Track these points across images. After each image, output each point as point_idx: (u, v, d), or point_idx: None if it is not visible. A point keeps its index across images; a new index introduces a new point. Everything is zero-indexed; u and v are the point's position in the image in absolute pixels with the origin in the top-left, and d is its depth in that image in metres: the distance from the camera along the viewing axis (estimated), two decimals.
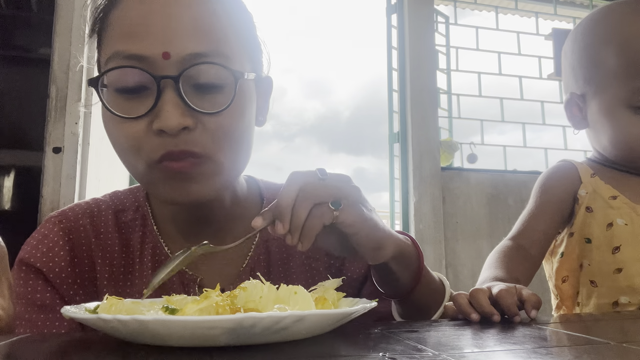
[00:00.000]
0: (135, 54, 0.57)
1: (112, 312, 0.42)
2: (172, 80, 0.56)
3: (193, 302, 0.43)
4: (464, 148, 2.77)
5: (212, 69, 0.58)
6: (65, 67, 1.74)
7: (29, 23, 2.32)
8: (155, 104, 0.56)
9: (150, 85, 0.57)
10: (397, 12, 2.74)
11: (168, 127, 0.55)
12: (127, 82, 0.58)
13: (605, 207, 0.83)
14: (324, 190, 0.53)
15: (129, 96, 0.58)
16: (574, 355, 0.35)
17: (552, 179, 0.89)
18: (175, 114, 0.56)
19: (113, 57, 0.58)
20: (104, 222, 0.69)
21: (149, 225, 0.70)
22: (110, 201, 0.72)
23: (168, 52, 0.56)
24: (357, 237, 0.55)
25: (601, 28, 0.85)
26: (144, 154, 0.58)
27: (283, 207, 0.53)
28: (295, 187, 0.53)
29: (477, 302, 0.55)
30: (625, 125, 0.81)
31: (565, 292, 0.89)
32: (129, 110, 0.58)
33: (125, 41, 0.58)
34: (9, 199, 2.20)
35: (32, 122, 2.01)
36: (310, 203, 0.52)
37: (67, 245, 0.67)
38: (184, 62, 0.57)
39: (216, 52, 0.59)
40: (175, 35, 0.57)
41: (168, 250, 0.69)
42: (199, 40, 0.58)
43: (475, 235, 2.52)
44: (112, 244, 0.68)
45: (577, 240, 0.85)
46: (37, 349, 0.42)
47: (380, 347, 0.40)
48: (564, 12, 3.04)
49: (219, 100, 0.59)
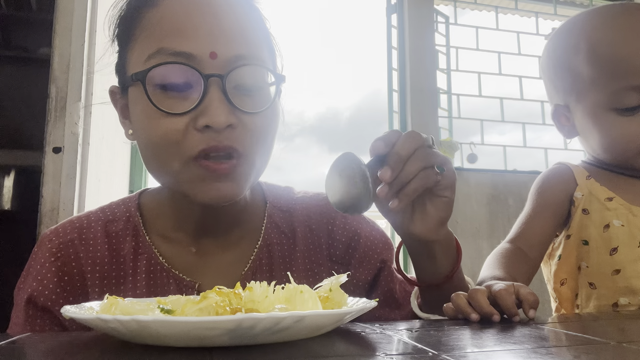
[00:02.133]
0: (183, 51, 0.58)
1: (112, 312, 0.42)
2: (219, 79, 0.58)
3: (192, 302, 0.43)
4: (464, 148, 2.77)
5: (255, 70, 0.61)
6: (65, 67, 1.74)
7: (29, 23, 2.32)
8: (201, 100, 0.57)
9: (194, 83, 0.58)
10: (397, 12, 2.74)
11: (216, 123, 0.57)
12: (172, 79, 0.58)
13: (602, 208, 0.83)
14: (434, 155, 0.58)
15: (171, 93, 0.59)
16: (574, 355, 0.35)
17: (548, 182, 0.89)
18: (224, 110, 0.57)
19: (157, 54, 0.59)
20: (93, 234, 0.68)
21: (140, 235, 0.69)
22: (100, 213, 0.71)
23: (215, 52, 0.58)
24: (446, 203, 0.60)
25: (571, 38, 0.86)
26: (183, 149, 0.58)
27: (399, 157, 0.55)
28: (413, 145, 0.56)
29: (476, 302, 0.55)
30: (611, 128, 0.82)
31: (564, 295, 0.89)
32: (170, 106, 0.58)
33: (172, 39, 0.59)
34: (9, 199, 2.20)
35: (32, 122, 2.01)
36: (421, 164, 0.56)
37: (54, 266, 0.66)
38: (228, 63, 0.59)
39: (255, 55, 0.61)
40: (221, 37, 0.59)
41: (163, 260, 0.68)
42: (243, 43, 0.61)
43: (475, 235, 2.52)
44: (102, 255, 0.67)
45: (575, 243, 0.85)
46: (37, 349, 0.42)
47: (380, 347, 0.40)
48: (564, 12, 3.04)
49: (259, 101, 0.61)
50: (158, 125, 0.59)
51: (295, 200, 0.77)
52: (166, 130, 0.58)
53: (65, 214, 1.68)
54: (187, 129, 0.58)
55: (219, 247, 0.70)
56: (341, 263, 0.74)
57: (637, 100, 0.79)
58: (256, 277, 0.68)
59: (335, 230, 0.75)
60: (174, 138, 0.58)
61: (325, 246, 0.74)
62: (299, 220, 0.75)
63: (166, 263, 0.68)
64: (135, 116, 0.63)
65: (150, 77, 0.59)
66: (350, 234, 0.74)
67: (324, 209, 0.76)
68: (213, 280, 0.66)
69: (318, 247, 0.74)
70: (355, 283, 0.73)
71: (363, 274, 0.74)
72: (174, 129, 0.58)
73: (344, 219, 0.76)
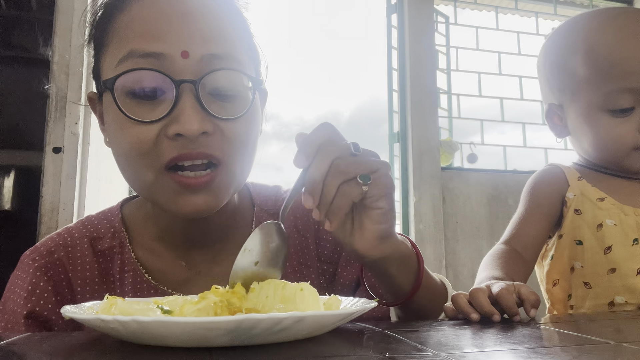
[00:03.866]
0: (153, 52, 0.56)
1: (111, 312, 0.42)
2: (192, 84, 0.55)
3: (190, 302, 0.43)
4: (464, 148, 2.77)
5: (230, 74, 0.58)
6: (65, 67, 1.74)
7: (29, 23, 2.32)
8: (172, 107, 0.55)
9: (166, 89, 0.56)
10: (397, 12, 2.74)
11: (188, 131, 0.54)
12: (142, 85, 0.56)
13: (594, 208, 0.84)
14: (354, 165, 0.51)
15: (142, 100, 0.56)
16: (574, 355, 0.35)
17: (540, 183, 0.90)
18: (196, 118, 0.55)
19: (127, 57, 0.56)
20: (80, 252, 0.66)
21: (127, 252, 0.67)
22: (83, 228, 0.68)
23: (187, 51, 0.56)
24: (382, 214, 0.53)
25: (568, 39, 0.87)
26: (155, 157, 0.56)
27: (314, 181, 0.51)
28: (327, 161, 0.51)
29: (477, 302, 0.55)
30: (603, 128, 0.83)
31: (556, 296, 0.89)
32: (141, 114, 0.56)
33: (142, 40, 0.56)
34: (9, 199, 2.20)
35: (32, 122, 2.01)
36: (339, 179, 0.51)
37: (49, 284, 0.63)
38: (201, 63, 0.56)
39: (231, 56, 0.59)
40: (194, 36, 0.57)
41: (149, 277, 0.66)
42: (216, 42, 0.58)
43: (475, 235, 2.52)
44: (92, 275, 0.65)
45: (567, 243, 0.86)
46: (37, 349, 0.42)
47: (380, 347, 0.40)
48: (564, 12, 3.04)
49: (236, 106, 0.59)
50: (128, 134, 0.56)
51: (281, 201, 0.74)
52: (136, 139, 0.56)
53: (65, 214, 1.68)
54: (159, 137, 0.56)
55: (208, 258, 0.68)
56: (330, 262, 0.72)
57: (631, 102, 0.81)
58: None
59: (322, 229, 0.73)
60: (144, 147, 0.56)
61: (313, 247, 0.72)
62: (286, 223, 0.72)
63: (153, 280, 0.65)
64: (108, 124, 0.61)
65: (120, 84, 0.56)
66: None
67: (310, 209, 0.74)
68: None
69: (306, 249, 0.72)
70: (343, 282, 0.71)
71: (350, 272, 0.72)
72: (145, 138, 0.56)
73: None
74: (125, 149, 0.58)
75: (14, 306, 0.63)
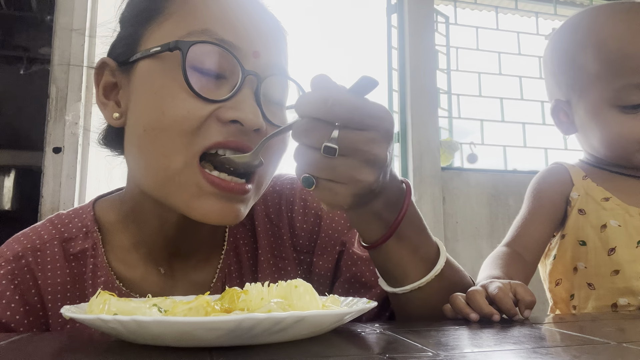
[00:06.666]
0: (229, 40, 0.54)
1: (104, 309, 0.42)
2: (256, 79, 0.55)
3: (181, 302, 0.43)
4: (464, 148, 2.77)
5: (286, 83, 0.59)
6: (65, 67, 1.74)
7: (29, 23, 2.32)
8: (234, 93, 0.53)
9: (230, 75, 0.55)
10: (397, 12, 2.74)
11: (249, 121, 0.52)
12: (211, 61, 0.54)
13: (598, 208, 0.83)
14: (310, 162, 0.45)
15: (206, 76, 0.54)
16: (574, 355, 0.35)
17: (544, 183, 0.89)
18: (257, 111, 0.54)
19: (202, 34, 0.54)
20: (50, 257, 0.60)
21: (99, 255, 0.61)
22: (53, 229, 0.63)
23: (259, 52, 0.56)
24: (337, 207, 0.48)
25: (578, 33, 0.86)
26: (195, 140, 0.52)
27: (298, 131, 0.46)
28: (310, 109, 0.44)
29: (475, 303, 0.54)
30: (613, 124, 0.82)
31: (559, 295, 0.89)
32: (203, 92, 0.53)
33: (218, 24, 0.55)
34: (9, 199, 2.20)
35: (32, 122, 2.01)
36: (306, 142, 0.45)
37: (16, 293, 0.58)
38: (267, 67, 0.57)
39: (285, 70, 0.60)
40: (266, 39, 0.58)
41: (120, 283, 0.61)
42: (280, 52, 0.60)
43: (475, 235, 2.52)
44: (62, 280, 0.60)
45: (570, 243, 0.85)
46: (37, 349, 0.41)
47: (380, 347, 0.40)
48: (564, 12, 3.04)
49: (280, 116, 0.59)
50: (178, 106, 0.52)
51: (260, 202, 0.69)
52: (186, 113, 0.52)
53: None
54: (209, 119, 0.52)
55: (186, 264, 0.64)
56: (306, 252, 0.68)
57: None
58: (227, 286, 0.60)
59: (295, 217, 0.68)
60: (190, 125, 0.52)
61: (286, 236, 0.68)
62: (257, 213, 0.68)
63: (124, 287, 0.61)
64: (141, 94, 0.55)
65: (191, 53, 0.53)
66: (312, 217, 0.68)
67: (280, 194, 0.69)
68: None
69: (280, 239, 0.68)
70: (318, 272, 0.67)
71: (326, 261, 0.67)
72: (197, 114, 0.52)
73: (302, 202, 0.69)
74: (164, 122, 0.52)
75: None
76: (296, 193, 0.70)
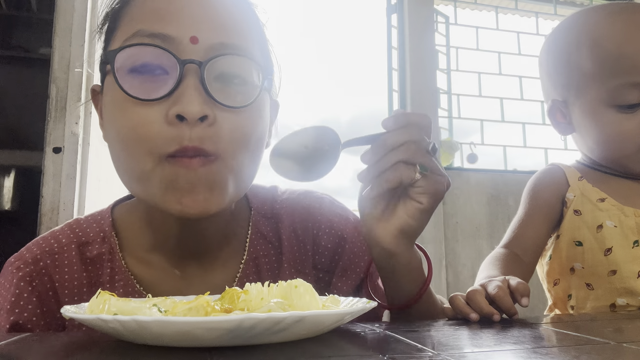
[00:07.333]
0: (161, 33, 0.53)
1: (104, 309, 0.42)
2: (197, 65, 0.53)
3: (181, 302, 0.43)
4: (464, 148, 2.77)
5: (239, 61, 0.56)
6: (65, 67, 1.74)
7: (29, 23, 2.32)
8: (175, 88, 0.52)
9: (170, 69, 0.53)
10: (397, 12, 2.74)
11: (188, 113, 0.51)
12: (144, 63, 0.53)
13: (594, 209, 0.83)
14: (420, 153, 0.53)
15: (145, 79, 0.53)
16: (574, 355, 0.35)
17: (540, 184, 0.89)
18: (198, 99, 0.52)
19: (133, 37, 0.54)
20: (68, 260, 0.62)
21: (117, 259, 0.62)
22: (71, 233, 0.64)
23: (196, 37, 0.53)
24: (419, 210, 0.54)
25: (572, 33, 0.86)
26: (155, 145, 0.52)
27: (383, 144, 0.53)
28: (405, 137, 0.52)
29: (475, 303, 0.55)
30: (609, 124, 0.81)
31: (556, 295, 0.89)
32: (142, 94, 0.52)
33: (150, 20, 0.54)
34: (9, 199, 2.20)
35: (32, 122, 2.01)
36: (403, 157, 0.52)
37: (34, 294, 0.60)
38: (210, 50, 0.54)
39: (243, 47, 0.56)
40: (205, 22, 0.55)
41: (141, 287, 0.62)
42: (229, 32, 0.56)
43: (475, 235, 2.52)
44: (79, 283, 0.61)
45: (565, 243, 0.85)
46: (37, 349, 0.42)
47: (380, 347, 0.40)
48: (564, 12, 3.04)
49: (241, 97, 0.55)
50: (130, 116, 0.53)
51: (280, 203, 0.71)
52: (138, 121, 0.52)
53: (65, 214, 1.68)
54: (161, 121, 0.52)
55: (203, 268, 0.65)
56: (326, 271, 0.69)
57: (638, 97, 0.79)
58: None
59: (321, 235, 0.69)
60: (144, 131, 0.52)
61: (310, 253, 0.69)
62: (284, 227, 0.69)
63: (144, 290, 0.62)
64: (105, 110, 0.57)
65: (121, 61, 0.53)
66: (337, 239, 0.69)
67: (309, 211, 0.70)
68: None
69: (304, 255, 0.68)
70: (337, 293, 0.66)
71: (345, 283, 0.68)
72: (146, 120, 0.52)
73: (329, 222, 0.70)
74: (122, 133, 0.54)
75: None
76: (324, 212, 0.71)
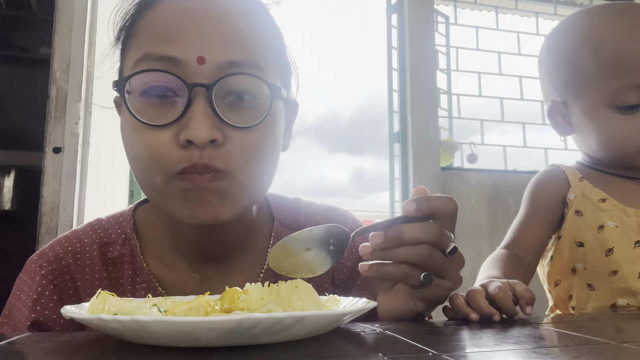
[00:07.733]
0: (167, 55, 0.53)
1: (104, 310, 0.42)
2: (205, 88, 0.53)
3: (181, 302, 0.43)
4: (464, 148, 2.77)
5: (247, 80, 0.55)
6: (65, 67, 1.74)
7: (29, 23, 2.32)
8: (184, 112, 0.53)
9: (180, 92, 0.54)
10: (397, 12, 2.74)
11: (197, 138, 0.52)
12: (155, 87, 0.54)
13: (595, 210, 0.83)
14: (434, 265, 0.51)
15: (155, 102, 0.54)
16: (574, 355, 0.35)
17: (541, 185, 0.89)
18: (205, 124, 0.52)
19: (142, 60, 0.54)
20: (89, 260, 0.63)
21: (138, 262, 0.64)
22: (93, 233, 0.65)
23: (203, 57, 0.53)
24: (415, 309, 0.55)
25: (573, 34, 0.85)
26: (166, 164, 0.53)
27: (396, 237, 0.51)
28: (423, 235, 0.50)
29: (475, 303, 0.54)
30: (610, 125, 0.81)
31: (557, 296, 0.89)
32: (154, 117, 0.54)
33: (158, 43, 0.54)
34: (9, 199, 2.20)
35: (32, 122, 2.01)
36: (412, 259, 0.51)
37: (55, 293, 0.61)
38: (218, 69, 0.54)
39: (252, 63, 0.56)
40: (212, 40, 0.54)
41: (163, 290, 0.63)
42: (236, 49, 0.55)
43: (475, 235, 2.52)
44: (100, 284, 0.62)
45: (567, 244, 0.85)
46: (37, 349, 0.42)
47: (380, 347, 0.40)
48: (564, 12, 3.04)
49: (251, 115, 0.55)
50: (142, 138, 0.54)
51: (305, 216, 0.72)
52: (149, 143, 0.54)
53: (65, 214, 1.68)
54: (172, 143, 0.53)
55: (223, 273, 0.65)
56: (343, 287, 0.70)
57: (638, 98, 0.79)
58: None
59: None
60: (157, 152, 0.54)
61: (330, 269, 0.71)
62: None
63: (166, 293, 0.63)
64: (122, 125, 0.59)
65: (133, 86, 0.54)
66: (357, 258, 0.69)
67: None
68: None
69: None
70: None
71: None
72: (157, 142, 0.53)
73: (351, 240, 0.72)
74: (136, 153, 0.56)
75: (19, 314, 0.61)
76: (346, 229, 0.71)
